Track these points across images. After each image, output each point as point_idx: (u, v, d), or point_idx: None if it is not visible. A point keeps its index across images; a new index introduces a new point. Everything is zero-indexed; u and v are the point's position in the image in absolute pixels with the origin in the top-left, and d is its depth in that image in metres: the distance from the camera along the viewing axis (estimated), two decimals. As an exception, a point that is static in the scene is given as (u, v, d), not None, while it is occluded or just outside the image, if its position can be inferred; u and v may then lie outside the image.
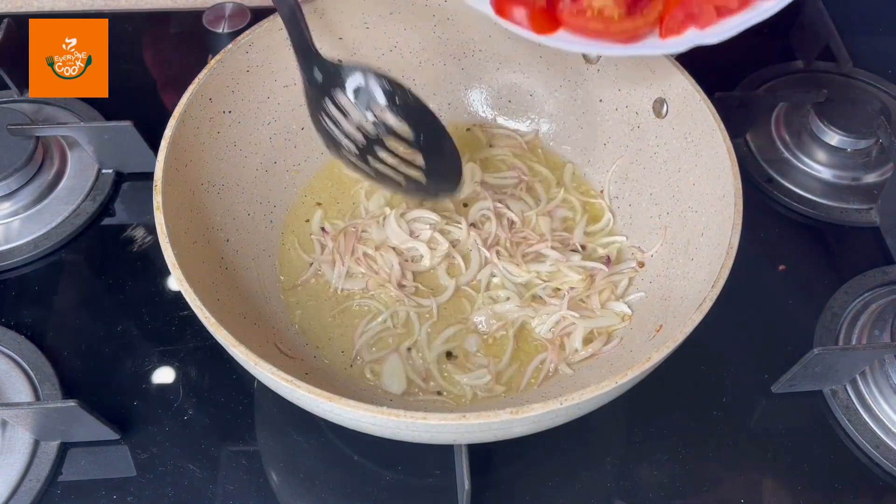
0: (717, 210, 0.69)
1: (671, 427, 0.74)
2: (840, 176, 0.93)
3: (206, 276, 0.66)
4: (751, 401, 0.76)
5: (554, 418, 0.57)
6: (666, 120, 0.78)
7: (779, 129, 0.98)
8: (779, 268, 0.86)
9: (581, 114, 0.86)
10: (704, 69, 0.76)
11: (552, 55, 0.85)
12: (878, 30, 1.14)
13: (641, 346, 0.69)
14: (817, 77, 1.04)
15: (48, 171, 0.88)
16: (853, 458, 0.73)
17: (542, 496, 0.70)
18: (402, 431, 0.56)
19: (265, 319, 0.72)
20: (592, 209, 0.84)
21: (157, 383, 0.75)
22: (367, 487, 0.70)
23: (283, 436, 0.73)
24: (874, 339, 0.78)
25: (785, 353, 0.77)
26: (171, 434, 0.72)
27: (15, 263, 0.83)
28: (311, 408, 0.57)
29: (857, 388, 0.76)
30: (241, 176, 0.78)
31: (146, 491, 0.69)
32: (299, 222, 0.82)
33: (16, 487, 0.68)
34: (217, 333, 0.56)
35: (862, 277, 0.84)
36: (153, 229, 0.63)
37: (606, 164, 0.85)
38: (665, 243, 0.77)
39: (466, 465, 0.63)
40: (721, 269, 0.61)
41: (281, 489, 0.70)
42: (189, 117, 0.70)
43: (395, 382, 0.71)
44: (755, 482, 0.71)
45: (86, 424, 0.68)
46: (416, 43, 0.87)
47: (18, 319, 0.79)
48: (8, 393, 0.73)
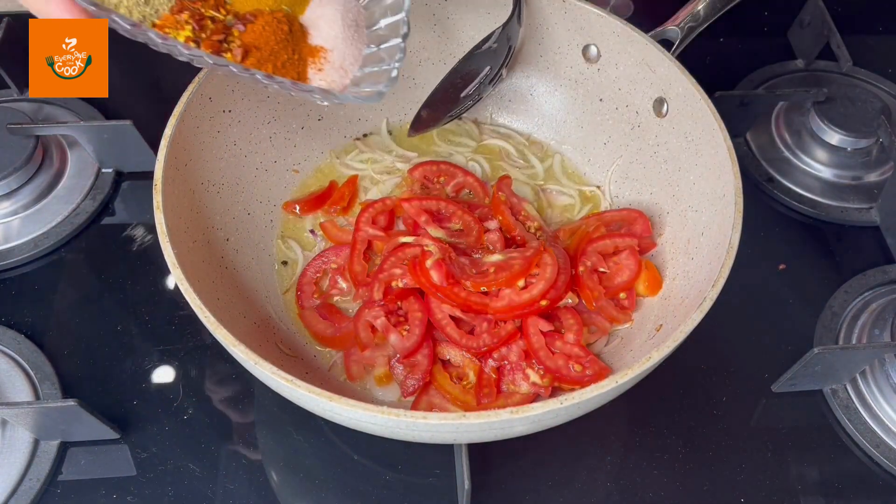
0: (717, 209, 0.69)
1: (671, 427, 0.74)
2: (840, 175, 0.93)
3: (206, 276, 0.66)
4: (751, 400, 0.76)
5: (554, 418, 0.57)
6: (666, 119, 0.78)
7: (779, 128, 0.98)
8: (779, 267, 0.86)
9: (581, 113, 0.86)
10: (705, 68, 0.76)
11: (552, 55, 0.85)
12: (878, 29, 1.14)
13: (641, 346, 0.69)
14: (817, 76, 1.04)
15: (48, 171, 0.88)
16: (853, 458, 0.73)
17: (542, 496, 0.70)
18: (402, 431, 0.56)
19: (265, 319, 0.72)
20: (594, 199, 0.85)
21: (157, 383, 0.75)
22: (367, 487, 0.70)
23: (283, 436, 0.73)
24: (874, 338, 0.78)
25: (785, 352, 0.77)
26: (171, 433, 0.72)
27: (15, 263, 0.83)
28: (311, 407, 0.57)
29: (858, 387, 0.76)
30: (241, 175, 0.78)
31: (146, 490, 0.69)
32: (299, 222, 0.82)
33: (16, 486, 0.68)
34: (217, 333, 0.56)
35: (862, 277, 0.84)
36: (153, 229, 0.63)
37: (606, 163, 0.85)
38: (665, 242, 0.77)
39: (466, 465, 0.63)
40: (721, 268, 0.61)
41: (281, 489, 0.70)
42: (189, 117, 0.70)
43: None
44: (755, 481, 0.71)
45: (86, 424, 0.68)
46: (416, 42, 0.86)
47: (18, 319, 0.79)
48: (8, 392, 0.73)
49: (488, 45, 0.79)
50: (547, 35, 0.83)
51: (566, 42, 0.83)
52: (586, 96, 0.85)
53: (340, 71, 0.63)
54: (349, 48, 0.63)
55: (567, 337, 0.70)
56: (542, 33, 0.83)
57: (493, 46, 0.79)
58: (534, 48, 0.85)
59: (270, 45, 0.59)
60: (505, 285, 0.70)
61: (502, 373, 0.70)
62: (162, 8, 0.57)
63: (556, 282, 0.70)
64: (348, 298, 0.76)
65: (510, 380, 0.69)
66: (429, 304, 0.71)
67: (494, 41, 0.79)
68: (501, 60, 0.81)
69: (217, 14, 0.58)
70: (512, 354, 0.70)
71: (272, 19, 0.60)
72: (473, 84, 0.80)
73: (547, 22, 0.82)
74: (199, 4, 0.58)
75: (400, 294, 0.72)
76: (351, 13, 0.65)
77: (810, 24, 1.04)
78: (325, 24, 0.63)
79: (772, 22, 1.12)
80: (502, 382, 0.69)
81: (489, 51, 0.80)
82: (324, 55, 0.62)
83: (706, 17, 0.80)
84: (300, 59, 0.61)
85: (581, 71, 0.84)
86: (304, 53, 0.62)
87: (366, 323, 0.71)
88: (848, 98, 0.96)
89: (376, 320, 0.70)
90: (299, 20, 0.63)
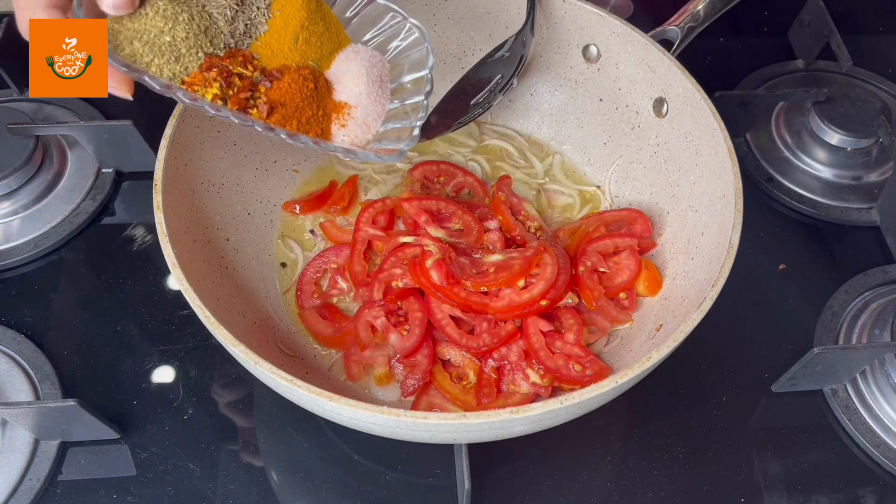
0: (717, 209, 0.69)
1: (671, 427, 0.74)
2: (840, 175, 0.93)
3: (206, 276, 0.66)
4: (751, 400, 0.76)
5: (554, 418, 0.57)
6: (666, 119, 0.78)
7: (779, 128, 0.98)
8: (779, 267, 0.86)
9: (581, 113, 0.86)
10: (705, 68, 0.76)
11: (552, 55, 0.85)
12: (878, 29, 1.14)
13: (641, 346, 0.69)
14: (817, 76, 1.04)
15: (48, 171, 0.88)
16: (853, 458, 0.73)
17: (542, 496, 0.70)
18: (403, 431, 0.56)
19: (265, 319, 0.72)
20: (594, 199, 0.85)
21: (157, 382, 0.75)
22: (368, 487, 0.70)
23: (283, 436, 0.73)
24: (874, 338, 0.78)
25: (785, 352, 0.77)
26: (171, 433, 0.72)
27: (15, 263, 0.83)
28: (311, 407, 0.57)
29: (858, 387, 0.76)
30: (241, 175, 0.78)
31: (146, 490, 0.69)
32: (299, 222, 0.82)
33: (16, 486, 0.68)
34: (217, 333, 0.56)
35: (862, 277, 0.84)
36: (153, 228, 0.63)
37: (606, 163, 0.85)
38: (665, 242, 0.77)
39: (466, 465, 0.63)
40: (721, 268, 0.61)
41: (281, 489, 0.70)
42: (189, 116, 0.70)
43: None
44: (755, 482, 0.71)
45: (85, 423, 0.68)
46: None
47: (18, 319, 0.79)
48: (8, 392, 0.73)
49: (500, 54, 0.80)
50: (547, 35, 0.83)
51: (566, 42, 0.83)
52: (586, 96, 0.85)
53: (364, 127, 0.63)
54: (373, 104, 0.64)
55: (567, 337, 0.70)
56: (542, 33, 0.83)
57: (505, 55, 0.80)
58: (534, 48, 0.85)
59: (296, 102, 0.59)
60: (505, 285, 0.70)
61: (502, 373, 0.70)
62: (191, 65, 0.57)
63: (556, 282, 0.70)
64: (348, 298, 0.76)
65: (510, 380, 0.69)
66: (429, 304, 0.71)
67: (507, 50, 0.79)
68: (513, 69, 0.81)
69: (244, 71, 0.59)
70: (512, 354, 0.70)
71: (298, 76, 0.60)
72: (484, 92, 0.81)
73: (547, 22, 0.82)
74: (227, 62, 0.58)
75: (400, 294, 0.72)
76: (376, 68, 0.65)
77: (810, 24, 1.04)
78: (350, 80, 0.63)
79: (772, 22, 1.12)
80: (502, 382, 0.69)
81: (501, 59, 0.80)
82: (348, 111, 0.63)
83: (706, 17, 0.80)
84: (324, 115, 0.62)
85: (581, 71, 0.84)
86: (328, 109, 0.62)
87: (366, 323, 0.71)
88: (848, 98, 0.96)
89: (376, 320, 0.70)
90: (325, 75, 0.63)
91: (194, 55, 0.57)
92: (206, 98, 0.57)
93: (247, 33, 0.60)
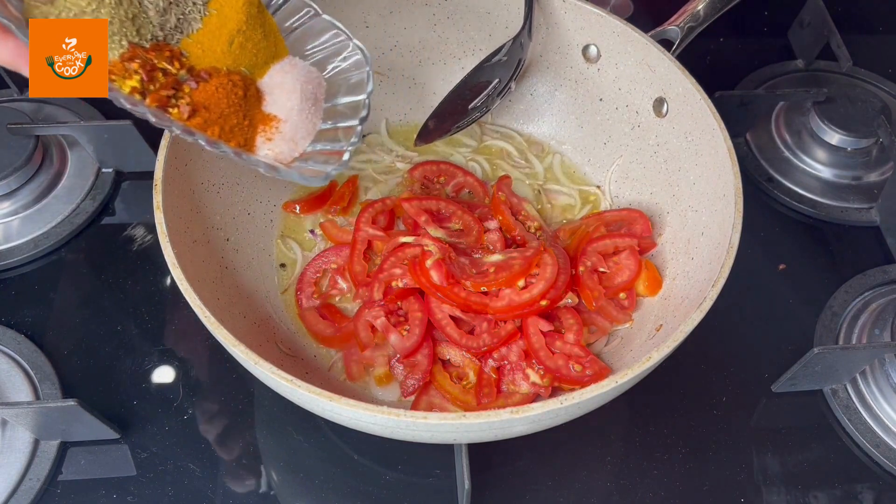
0: (717, 209, 0.69)
1: (671, 426, 0.74)
2: (840, 175, 0.93)
3: (206, 276, 0.66)
4: (751, 400, 0.76)
5: (554, 418, 0.57)
6: (666, 119, 0.78)
7: (779, 128, 0.98)
8: (779, 267, 0.86)
9: (581, 113, 0.86)
10: (705, 68, 0.76)
11: (552, 55, 0.85)
12: (878, 29, 1.14)
13: (641, 346, 0.69)
14: (817, 76, 1.04)
15: (48, 171, 0.88)
16: (853, 458, 0.73)
17: (542, 496, 0.70)
18: (403, 431, 0.56)
19: (265, 319, 0.72)
20: (594, 199, 0.85)
21: (157, 382, 0.75)
22: (368, 487, 0.70)
23: (283, 435, 0.73)
24: (874, 338, 0.78)
25: (785, 352, 0.77)
26: (171, 433, 0.72)
27: (15, 263, 0.83)
28: (311, 407, 0.57)
29: (858, 387, 0.76)
30: (241, 175, 0.78)
31: (146, 490, 0.69)
32: (299, 222, 0.82)
33: (16, 486, 0.68)
34: (217, 333, 0.56)
35: (862, 277, 0.84)
36: (153, 228, 0.63)
37: (606, 163, 0.85)
38: (665, 242, 0.77)
39: (466, 465, 0.63)
40: (721, 268, 0.61)
41: (281, 489, 0.70)
42: (189, 117, 0.70)
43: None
44: (755, 481, 0.71)
45: (85, 423, 0.68)
46: (416, 42, 0.87)
47: (18, 319, 0.79)
48: (8, 392, 0.73)
49: (498, 58, 0.79)
50: (547, 35, 0.83)
51: (566, 42, 0.83)
52: (586, 96, 0.85)
53: (291, 143, 0.60)
54: (304, 121, 0.60)
55: (567, 337, 0.70)
56: (542, 33, 0.83)
57: (502, 59, 0.80)
58: (534, 48, 0.85)
59: (221, 108, 0.56)
60: (505, 285, 0.70)
61: (502, 373, 0.70)
62: (112, 53, 0.53)
63: (556, 282, 0.70)
64: (348, 298, 0.76)
65: (510, 380, 0.69)
66: (429, 304, 0.71)
67: (504, 54, 0.79)
68: (511, 73, 0.81)
69: (170, 67, 0.55)
70: (512, 354, 0.70)
71: (227, 81, 0.57)
72: (482, 96, 0.81)
73: (547, 22, 0.82)
74: (152, 55, 0.55)
75: (400, 294, 0.72)
76: (311, 84, 0.62)
77: (810, 24, 1.04)
78: (283, 94, 0.60)
79: (772, 22, 1.12)
80: (502, 382, 0.69)
81: (499, 63, 0.80)
82: (276, 125, 0.59)
83: (706, 17, 0.80)
84: (251, 125, 0.58)
85: (581, 71, 0.84)
86: (255, 120, 0.59)
87: (366, 323, 0.71)
88: (848, 98, 0.96)
89: (376, 320, 0.70)
90: (256, 84, 0.60)
91: (116, 42, 0.54)
92: (122, 90, 0.53)
93: (178, 28, 0.57)
